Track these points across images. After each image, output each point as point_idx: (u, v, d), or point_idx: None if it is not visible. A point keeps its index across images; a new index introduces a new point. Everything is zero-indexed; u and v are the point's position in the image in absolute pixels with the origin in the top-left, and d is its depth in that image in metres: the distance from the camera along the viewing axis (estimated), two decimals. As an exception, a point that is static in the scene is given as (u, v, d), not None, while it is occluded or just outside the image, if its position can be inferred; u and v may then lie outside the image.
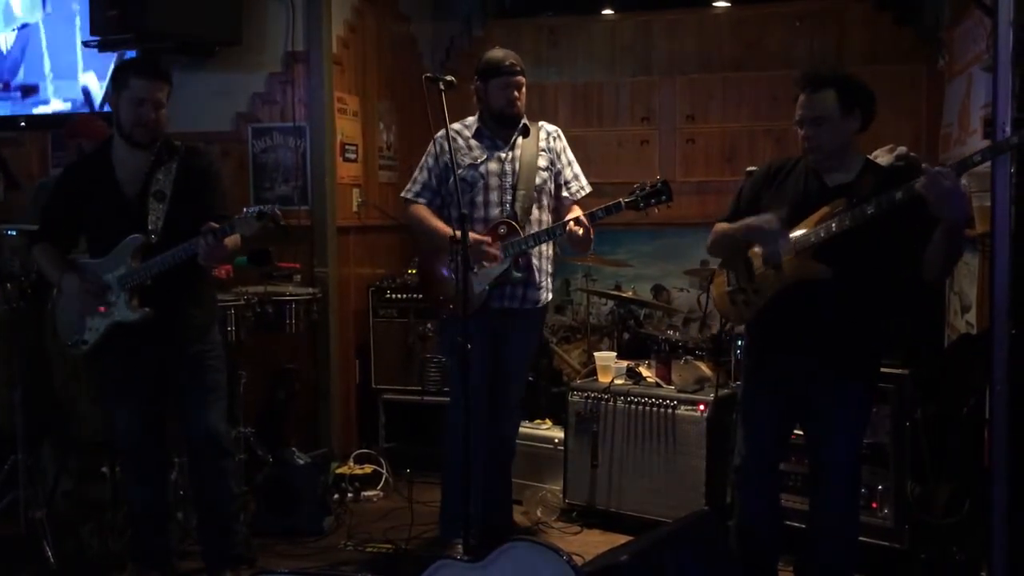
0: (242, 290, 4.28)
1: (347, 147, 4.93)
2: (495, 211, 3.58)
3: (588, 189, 3.76)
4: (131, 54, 4.63)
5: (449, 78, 3.15)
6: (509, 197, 3.58)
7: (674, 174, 5.41)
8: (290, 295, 4.39)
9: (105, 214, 3.24)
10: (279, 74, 4.81)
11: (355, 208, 5.02)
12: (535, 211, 3.63)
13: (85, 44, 4.70)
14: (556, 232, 3.51)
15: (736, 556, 3.07)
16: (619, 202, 3.40)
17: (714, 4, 5.48)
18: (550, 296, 3.79)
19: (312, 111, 4.76)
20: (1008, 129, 2.60)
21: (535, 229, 3.57)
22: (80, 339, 3.27)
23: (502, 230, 3.52)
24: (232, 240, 3.14)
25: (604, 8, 5.64)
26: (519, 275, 3.55)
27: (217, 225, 3.03)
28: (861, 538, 3.20)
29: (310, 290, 4.52)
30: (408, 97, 5.45)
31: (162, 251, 3.14)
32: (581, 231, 3.40)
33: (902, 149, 3.63)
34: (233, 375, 3.98)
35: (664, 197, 3.37)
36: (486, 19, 5.79)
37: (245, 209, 3.03)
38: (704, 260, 4.94)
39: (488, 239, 3.49)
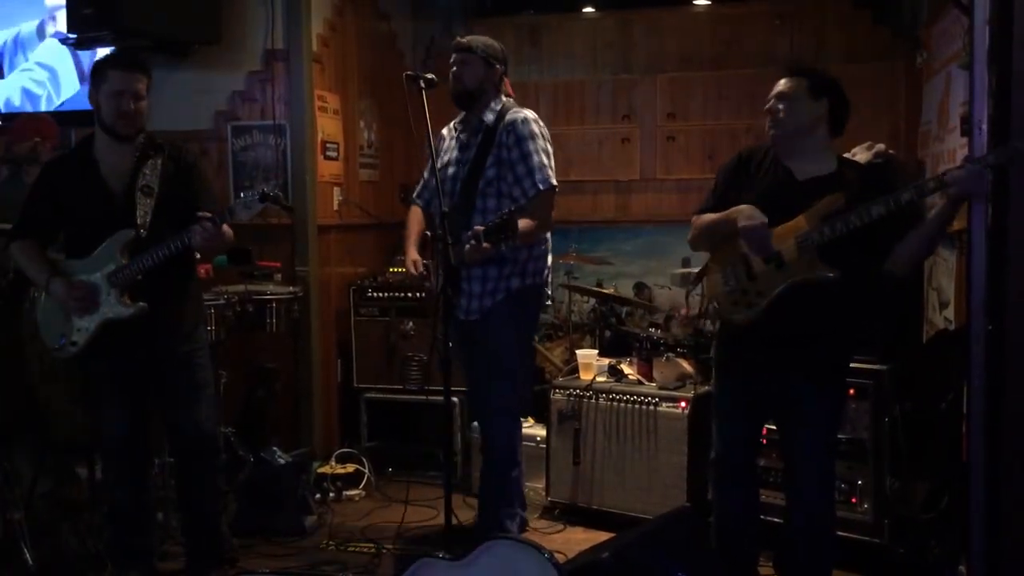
0: (222, 289, 4.25)
1: (328, 145, 4.91)
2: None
3: (534, 191, 3.33)
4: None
5: (430, 76, 3.12)
6: (453, 202, 3.21)
7: (655, 172, 5.46)
8: (271, 294, 4.37)
9: (90, 210, 3.22)
10: (259, 72, 4.78)
11: (336, 206, 5.00)
12: (477, 218, 3.32)
13: (61, 42, 4.65)
14: None
15: (717, 551, 3.08)
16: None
17: (695, 2, 5.50)
18: (497, 298, 3.44)
19: (292, 109, 4.73)
20: (984, 127, 2.63)
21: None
22: (69, 340, 3.23)
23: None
24: (228, 230, 3.15)
25: (585, 6, 5.67)
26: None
27: (210, 213, 3.04)
28: (840, 533, 3.22)
29: (291, 289, 4.50)
30: (389, 95, 5.43)
31: (150, 246, 3.13)
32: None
33: (880, 146, 3.64)
34: (214, 375, 3.96)
35: (504, 235, 2.89)
36: (466, 17, 5.78)
37: (242, 194, 3.02)
38: (686, 257, 4.96)
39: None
